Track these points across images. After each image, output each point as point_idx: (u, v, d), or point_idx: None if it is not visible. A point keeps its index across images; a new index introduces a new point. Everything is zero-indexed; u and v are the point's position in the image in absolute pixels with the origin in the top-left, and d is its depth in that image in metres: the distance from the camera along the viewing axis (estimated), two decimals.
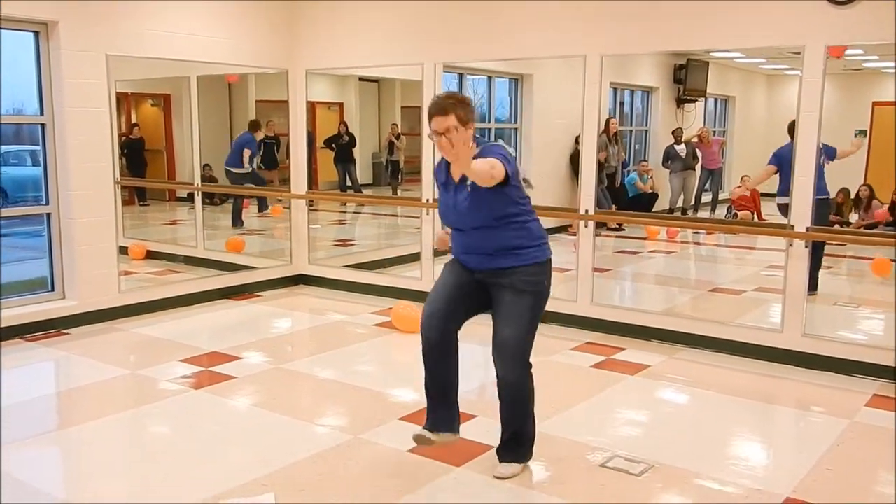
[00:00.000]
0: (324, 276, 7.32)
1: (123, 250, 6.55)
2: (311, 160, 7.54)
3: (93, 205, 5.80)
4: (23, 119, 6.46)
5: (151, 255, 7.88)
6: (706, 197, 10.44)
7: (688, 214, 9.95)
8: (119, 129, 6.43)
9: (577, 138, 6.08)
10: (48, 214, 5.75)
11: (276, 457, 3.59)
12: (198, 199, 7.25)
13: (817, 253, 6.31)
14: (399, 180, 9.89)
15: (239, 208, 8.69)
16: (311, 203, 7.61)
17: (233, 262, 7.44)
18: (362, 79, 9.63)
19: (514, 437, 3.41)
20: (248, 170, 8.11)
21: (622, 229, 9.35)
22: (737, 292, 7.17)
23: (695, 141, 10.14)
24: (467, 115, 3.13)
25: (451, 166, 3.25)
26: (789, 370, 4.96)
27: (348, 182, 9.82)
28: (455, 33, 6.18)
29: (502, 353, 3.26)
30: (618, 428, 4.06)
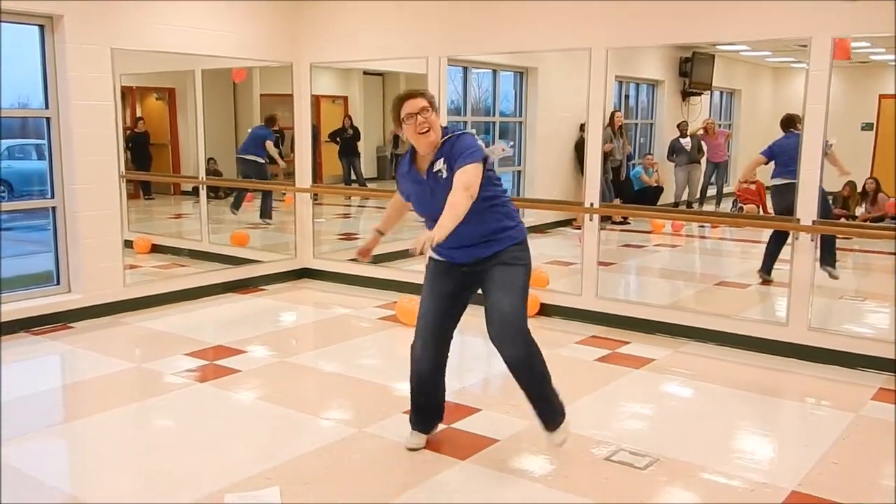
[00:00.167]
0: (328, 269, 7.32)
1: (128, 244, 6.56)
2: (315, 154, 7.54)
3: (98, 198, 5.80)
4: (28, 112, 6.47)
5: (156, 248, 7.90)
6: (711, 190, 10.42)
7: (693, 208, 9.93)
8: (124, 122, 6.43)
9: (581, 126, 6.04)
10: (53, 208, 5.76)
11: (280, 450, 3.59)
12: (202, 192, 7.26)
13: (779, 240, 6.34)
14: None
15: (242, 197, 8.69)
16: (315, 197, 7.62)
17: (238, 256, 7.45)
18: (367, 72, 9.62)
19: (548, 408, 3.40)
20: (264, 160, 8.13)
21: (627, 223, 9.33)
22: (742, 286, 7.14)
23: (700, 133, 10.10)
24: (433, 103, 3.29)
25: (415, 158, 3.33)
26: (795, 364, 4.95)
27: (353, 176, 9.82)
28: (459, 26, 6.16)
29: (505, 329, 3.23)
30: (623, 421, 4.05)
